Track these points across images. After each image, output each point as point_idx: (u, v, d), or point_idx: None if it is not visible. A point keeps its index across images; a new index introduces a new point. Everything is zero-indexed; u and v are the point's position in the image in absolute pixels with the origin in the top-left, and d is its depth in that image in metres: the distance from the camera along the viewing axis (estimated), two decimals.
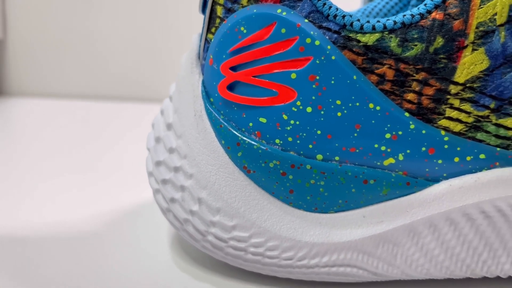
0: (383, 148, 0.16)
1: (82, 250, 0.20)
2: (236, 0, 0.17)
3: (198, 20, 0.27)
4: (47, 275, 0.18)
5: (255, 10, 0.17)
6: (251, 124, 0.17)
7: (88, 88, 0.46)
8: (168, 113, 0.19)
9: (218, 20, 0.18)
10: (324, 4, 0.16)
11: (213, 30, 0.18)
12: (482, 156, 0.16)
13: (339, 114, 0.16)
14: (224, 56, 0.17)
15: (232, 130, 0.17)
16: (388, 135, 0.16)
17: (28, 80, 0.47)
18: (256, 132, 0.17)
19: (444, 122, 0.16)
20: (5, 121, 0.39)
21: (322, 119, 0.16)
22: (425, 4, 0.16)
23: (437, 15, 0.15)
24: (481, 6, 0.15)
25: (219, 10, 0.18)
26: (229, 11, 0.17)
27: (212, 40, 0.18)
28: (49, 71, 0.46)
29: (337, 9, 0.16)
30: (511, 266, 0.17)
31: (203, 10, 0.19)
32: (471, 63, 0.16)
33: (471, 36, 0.15)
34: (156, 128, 0.19)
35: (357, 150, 0.16)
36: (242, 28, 0.17)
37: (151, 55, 0.46)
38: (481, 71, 0.16)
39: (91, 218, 0.22)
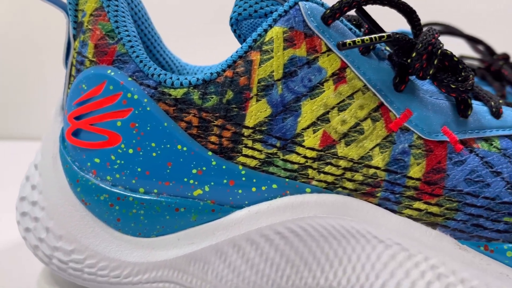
0: (191, 181, 0.19)
1: None
2: (82, 62, 0.21)
3: None
4: None
5: (92, 71, 0.20)
6: (89, 164, 0.20)
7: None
8: (37, 155, 0.22)
9: (72, 78, 0.21)
10: (145, 65, 0.20)
11: (69, 86, 0.22)
12: (274, 186, 0.19)
13: (154, 154, 0.19)
14: (71, 108, 0.21)
15: (75, 168, 0.20)
16: (194, 171, 0.19)
17: None
18: (92, 170, 0.20)
19: (241, 159, 0.19)
20: None
21: (141, 158, 0.19)
22: (221, 65, 0.19)
23: (228, 73, 0.19)
24: (261, 65, 0.19)
25: (73, 70, 0.21)
26: (78, 71, 0.21)
27: (68, 94, 0.21)
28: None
29: (155, 69, 0.20)
30: (313, 280, 0.20)
31: (66, 67, 0.22)
32: (257, 111, 0.19)
33: (254, 89, 0.19)
34: (29, 168, 0.23)
35: (171, 184, 0.19)
36: (83, 85, 0.20)
37: None
38: (266, 117, 0.19)
39: None
